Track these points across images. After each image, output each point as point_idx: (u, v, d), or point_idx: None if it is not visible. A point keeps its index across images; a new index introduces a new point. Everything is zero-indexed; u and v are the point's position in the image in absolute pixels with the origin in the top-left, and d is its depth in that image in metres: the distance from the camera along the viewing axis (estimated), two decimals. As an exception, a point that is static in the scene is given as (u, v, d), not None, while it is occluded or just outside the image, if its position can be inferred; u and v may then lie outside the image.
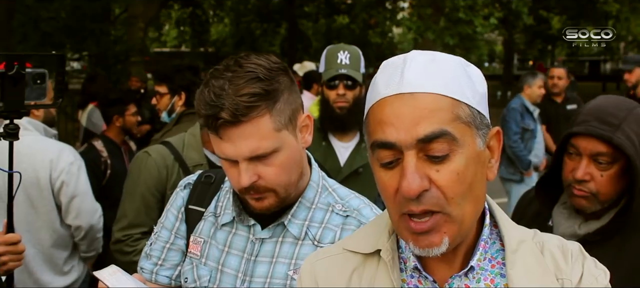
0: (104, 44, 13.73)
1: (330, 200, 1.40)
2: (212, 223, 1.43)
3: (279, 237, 1.36)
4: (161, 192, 2.26)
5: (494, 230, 1.01)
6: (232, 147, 1.24)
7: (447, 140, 0.86)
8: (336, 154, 2.65)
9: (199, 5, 21.26)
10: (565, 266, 0.96)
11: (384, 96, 0.90)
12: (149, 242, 1.54)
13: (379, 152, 0.89)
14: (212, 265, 1.39)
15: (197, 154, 2.31)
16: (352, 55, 2.60)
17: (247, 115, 1.21)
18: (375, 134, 0.90)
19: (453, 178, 0.86)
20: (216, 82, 1.23)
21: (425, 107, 0.86)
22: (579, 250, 0.99)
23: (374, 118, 0.91)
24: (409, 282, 0.99)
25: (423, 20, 13.53)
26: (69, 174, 2.59)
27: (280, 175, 1.28)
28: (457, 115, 0.87)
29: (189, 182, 1.52)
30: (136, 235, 2.25)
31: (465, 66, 0.93)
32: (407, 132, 0.86)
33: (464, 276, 0.96)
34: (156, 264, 1.49)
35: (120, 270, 1.34)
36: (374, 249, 1.02)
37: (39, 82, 1.57)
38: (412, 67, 0.90)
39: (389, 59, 0.96)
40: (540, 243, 0.99)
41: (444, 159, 0.86)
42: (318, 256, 1.09)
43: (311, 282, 1.06)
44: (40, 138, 2.63)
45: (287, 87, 1.28)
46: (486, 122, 0.93)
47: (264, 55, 1.30)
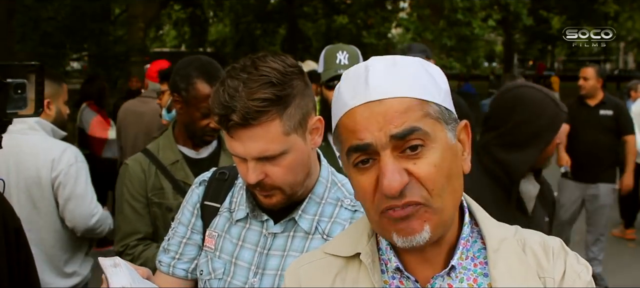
0: (104, 44, 13.74)
1: (340, 195, 1.44)
2: (227, 218, 1.48)
3: (290, 231, 1.40)
4: (144, 196, 2.29)
5: (475, 229, 1.01)
6: (242, 146, 1.28)
7: (420, 135, 0.87)
8: (335, 154, 2.65)
9: (198, 6, 21.27)
10: (546, 264, 0.95)
11: (352, 107, 0.91)
12: (166, 237, 1.59)
13: (354, 155, 0.90)
14: (226, 258, 1.43)
15: (171, 153, 2.35)
16: (351, 55, 2.61)
17: (257, 119, 1.24)
18: (349, 141, 0.90)
19: (431, 171, 0.87)
20: (231, 82, 1.26)
21: (395, 110, 0.87)
22: (561, 246, 0.99)
23: (345, 128, 0.92)
24: (391, 284, 0.99)
25: (422, 21, 13.54)
26: (66, 175, 2.59)
27: (286, 175, 1.32)
28: (427, 113, 0.89)
29: (203, 179, 1.58)
30: (132, 243, 2.27)
31: (426, 66, 0.95)
32: (380, 130, 0.87)
33: (446, 276, 0.96)
34: (173, 258, 1.55)
35: (123, 262, 1.34)
36: (354, 252, 1.02)
37: (20, 92, 1.58)
38: (375, 74, 0.90)
39: (349, 68, 0.97)
40: (522, 240, 0.99)
41: (420, 153, 0.87)
42: (301, 262, 1.09)
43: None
44: (46, 138, 2.64)
45: (300, 91, 1.31)
46: (454, 116, 0.94)
47: (281, 56, 1.33)
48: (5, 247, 1.69)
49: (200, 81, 2.22)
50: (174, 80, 2.28)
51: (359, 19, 17.22)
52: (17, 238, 1.77)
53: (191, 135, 2.33)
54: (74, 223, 2.66)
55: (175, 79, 2.27)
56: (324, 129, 1.41)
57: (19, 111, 1.61)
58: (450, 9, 13.40)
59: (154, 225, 2.30)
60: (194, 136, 2.33)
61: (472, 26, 13.33)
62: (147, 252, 2.21)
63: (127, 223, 2.29)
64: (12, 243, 1.74)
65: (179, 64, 2.32)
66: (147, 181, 2.29)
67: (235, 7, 21.39)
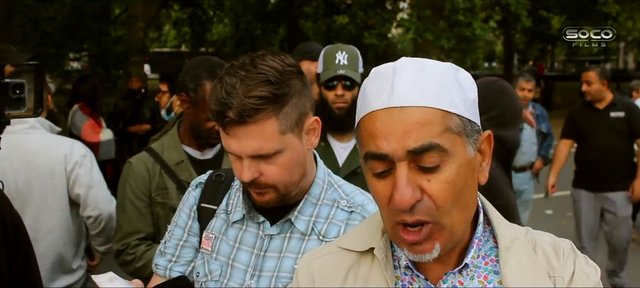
0: (104, 44, 13.75)
1: (336, 196, 1.44)
2: (224, 220, 1.48)
3: (286, 232, 1.41)
4: (147, 196, 2.28)
5: (487, 228, 1.02)
6: (237, 143, 1.28)
7: (438, 152, 0.87)
8: (335, 154, 2.66)
9: (198, 6, 21.26)
10: (557, 263, 0.97)
11: (374, 109, 0.91)
12: (163, 240, 1.59)
13: (372, 163, 0.91)
14: (222, 260, 1.44)
15: (176, 153, 2.35)
16: (350, 56, 2.61)
17: (253, 116, 1.25)
18: (368, 146, 0.91)
19: (444, 188, 0.88)
20: (229, 79, 1.27)
21: (416, 121, 0.87)
22: (571, 247, 1.00)
23: (365, 130, 0.93)
24: (403, 279, 1.00)
25: (422, 21, 13.54)
26: (82, 166, 2.63)
27: (281, 174, 1.32)
28: (448, 127, 0.88)
29: (200, 181, 1.58)
30: (133, 242, 2.26)
31: (455, 72, 0.94)
32: (397, 143, 0.87)
33: (457, 273, 0.97)
34: (170, 260, 1.54)
35: (118, 278, 1.35)
36: (368, 247, 1.03)
37: (18, 92, 1.58)
38: (402, 79, 0.90)
39: (378, 66, 0.97)
40: (533, 241, 1.00)
41: (435, 170, 0.88)
42: (314, 255, 1.11)
43: (308, 281, 1.08)
44: (50, 135, 2.68)
45: (297, 91, 1.31)
46: (477, 128, 0.94)
47: (281, 56, 1.33)
48: (4, 244, 1.69)
49: (209, 82, 2.21)
50: (183, 79, 2.28)
51: (359, 19, 17.20)
52: (15, 235, 1.76)
53: (196, 136, 2.33)
54: (99, 209, 2.68)
55: (185, 78, 2.27)
56: (321, 129, 1.42)
57: (18, 112, 1.62)
58: (450, 9, 13.40)
59: (155, 226, 2.29)
60: (199, 137, 2.33)
61: (472, 27, 13.33)
62: (150, 253, 2.20)
63: (128, 222, 2.28)
64: (11, 240, 1.74)
65: (189, 64, 2.32)
66: (151, 180, 2.29)
67: (236, 7, 21.37)
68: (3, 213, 1.73)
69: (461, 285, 0.97)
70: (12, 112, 1.62)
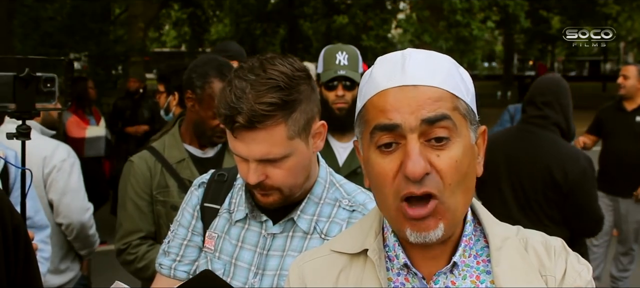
0: (104, 44, 13.73)
1: (338, 195, 1.45)
2: (227, 219, 1.49)
3: (289, 231, 1.42)
4: (149, 194, 2.28)
5: (478, 227, 1.03)
6: (245, 147, 1.29)
7: (449, 124, 0.90)
8: (335, 155, 2.66)
9: (198, 6, 21.26)
10: (548, 262, 0.97)
11: (385, 88, 0.92)
12: (166, 240, 1.59)
13: (379, 134, 0.91)
14: (226, 259, 1.44)
15: (178, 151, 2.35)
16: (350, 56, 2.61)
17: (263, 122, 1.26)
18: (376, 120, 0.92)
19: (452, 165, 0.89)
20: (239, 83, 1.27)
21: (429, 97, 0.90)
22: (562, 246, 1.01)
23: (374, 107, 0.93)
24: (396, 280, 1.00)
25: (421, 22, 13.54)
26: (60, 171, 2.61)
27: (287, 178, 1.34)
28: (456, 106, 0.92)
29: (203, 181, 1.58)
30: (135, 242, 2.26)
31: (457, 66, 0.98)
32: (411, 113, 0.89)
33: (449, 273, 0.98)
34: (174, 260, 1.55)
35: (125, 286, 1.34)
36: (361, 249, 1.03)
37: (49, 86, 1.61)
38: (412, 62, 0.93)
39: (384, 55, 0.99)
40: (524, 239, 1.01)
41: (444, 145, 0.89)
42: (305, 258, 1.11)
43: (299, 285, 1.08)
44: (38, 136, 2.66)
45: (306, 96, 1.32)
46: (477, 119, 0.97)
47: (289, 59, 1.34)
48: (3, 245, 1.69)
49: (217, 81, 2.22)
50: (190, 77, 2.27)
51: (358, 20, 17.20)
52: (15, 236, 1.76)
53: (200, 134, 2.33)
54: (70, 218, 2.66)
55: (192, 76, 2.27)
56: (325, 134, 1.42)
57: (47, 104, 1.66)
58: (449, 10, 13.39)
59: (156, 224, 2.30)
60: (202, 135, 2.33)
61: (471, 27, 13.32)
62: (152, 253, 2.21)
63: (129, 221, 2.28)
64: (10, 241, 1.74)
65: (196, 62, 2.33)
66: (152, 179, 2.29)
67: (235, 7, 21.36)
68: (3, 213, 1.73)
69: (453, 285, 0.97)
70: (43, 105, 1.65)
